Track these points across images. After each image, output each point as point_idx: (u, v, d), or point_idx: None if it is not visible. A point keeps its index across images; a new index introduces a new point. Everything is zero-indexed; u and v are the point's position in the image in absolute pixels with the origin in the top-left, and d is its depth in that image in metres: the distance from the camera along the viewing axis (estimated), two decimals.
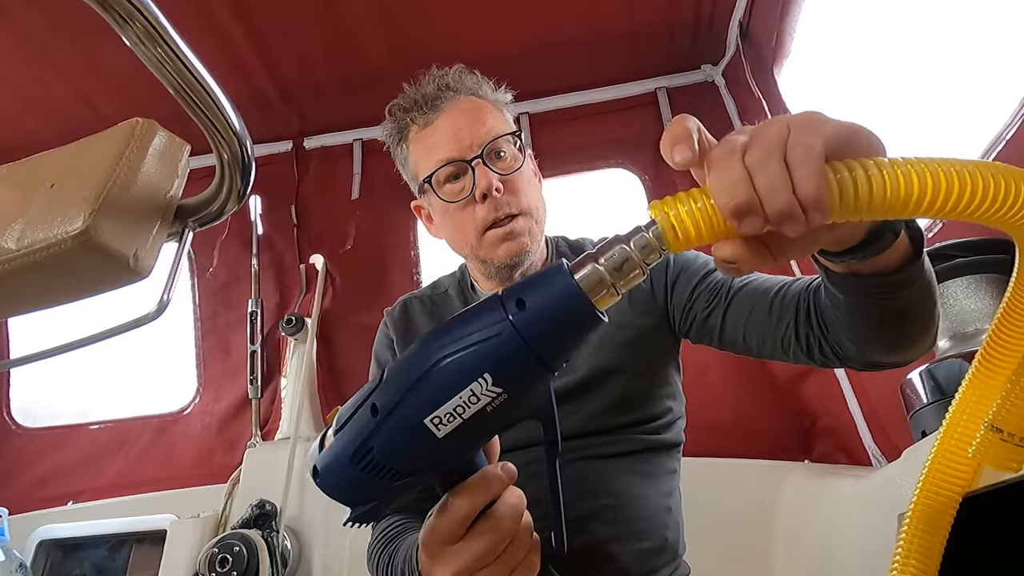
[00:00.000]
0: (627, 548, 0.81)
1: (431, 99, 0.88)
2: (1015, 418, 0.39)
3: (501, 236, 0.86)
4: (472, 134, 0.86)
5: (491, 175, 0.84)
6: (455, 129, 0.86)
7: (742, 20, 1.54)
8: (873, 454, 1.28)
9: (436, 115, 0.87)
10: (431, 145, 0.88)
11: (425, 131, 0.89)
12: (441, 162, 0.86)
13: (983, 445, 0.41)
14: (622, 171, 1.77)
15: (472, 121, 0.87)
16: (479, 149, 0.85)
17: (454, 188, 0.87)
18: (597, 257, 0.39)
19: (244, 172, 0.42)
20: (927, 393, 0.82)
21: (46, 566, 1.63)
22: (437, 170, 0.86)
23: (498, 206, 0.85)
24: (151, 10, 0.33)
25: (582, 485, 0.83)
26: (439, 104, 0.88)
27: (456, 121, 0.87)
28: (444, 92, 0.88)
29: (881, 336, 0.60)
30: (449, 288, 1.02)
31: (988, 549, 0.59)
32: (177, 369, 1.86)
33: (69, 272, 0.38)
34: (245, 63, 1.59)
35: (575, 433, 0.86)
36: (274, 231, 1.86)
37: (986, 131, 0.90)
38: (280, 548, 1.43)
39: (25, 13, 1.38)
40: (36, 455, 1.83)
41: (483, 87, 0.92)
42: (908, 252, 0.50)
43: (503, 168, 0.87)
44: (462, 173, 0.87)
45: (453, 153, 0.85)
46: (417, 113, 0.89)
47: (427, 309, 1.01)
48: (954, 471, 0.44)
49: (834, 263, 0.50)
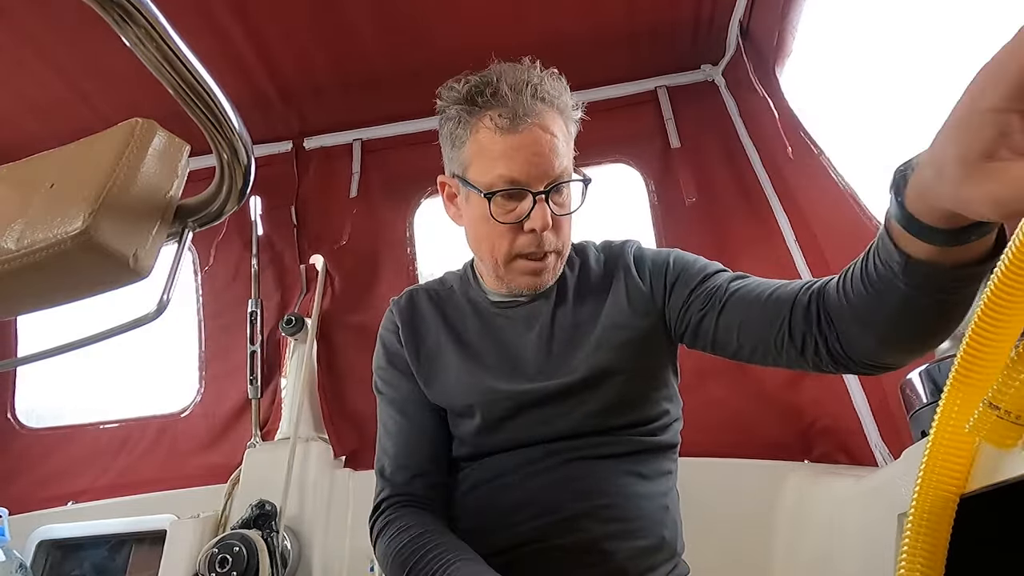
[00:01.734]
0: (623, 546, 0.81)
1: (520, 107, 0.81)
2: (1013, 397, 0.40)
3: (530, 270, 0.87)
4: (547, 165, 0.82)
5: (548, 214, 0.82)
6: (533, 153, 0.81)
7: (742, 20, 1.54)
8: (880, 453, 1.28)
9: (520, 127, 0.81)
10: (501, 155, 0.82)
11: (501, 136, 0.82)
12: (505, 180, 0.82)
13: (980, 421, 0.42)
14: (624, 167, 1.77)
15: (550, 150, 0.82)
16: (547, 184, 0.82)
17: (506, 206, 0.84)
18: None
19: (244, 172, 0.42)
20: (927, 393, 0.82)
21: (46, 566, 1.63)
22: (499, 190, 0.82)
23: (541, 243, 0.84)
24: (151, 10, 0.33)
25: (578, 485, 0.83)
26: (527, 118, 0.81)
27: (537, 143, 0.82)
28: (536, 103, 0.82)
29: (919, 333, 0.61)
30: (455, 285, 1.02)
31: (988, 549, 0.59)
32: (177, 369, 1.86)
33: (69, 272, 0.38)
34: (245, 63, 1.59)
35: (571, 433, 0.86)
36: (274, 231, 1.86)
37: None
38: (280, 548, 1.43)
39: (25, 13, 1.38)
40: (38, 455, 1.83)
41: (567, 100, 0.88)
42: (991, 245, 0.51)
43: (559, 205, 0.85)
44: (520, 197, 0.83)
45: (521, 177, 0.82)
46: (498, 112, 0.82)
47: (433, 301, 1.00)
48: (955, 453, 0.45)
49: (934, 243, 0.50)
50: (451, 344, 0.94)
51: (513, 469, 0.87)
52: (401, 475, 0.90)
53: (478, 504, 0.88)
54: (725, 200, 1.63)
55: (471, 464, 0.92)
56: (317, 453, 1.60)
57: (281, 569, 1.40)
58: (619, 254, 0.96)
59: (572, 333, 0.90)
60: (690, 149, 1.69)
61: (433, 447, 0.93)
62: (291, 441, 1.56)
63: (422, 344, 0.96)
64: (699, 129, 1.70)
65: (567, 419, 0.86)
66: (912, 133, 1.18)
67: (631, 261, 0.94)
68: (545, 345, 0.90)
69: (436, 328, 0.97)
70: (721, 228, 1.62)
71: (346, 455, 1.64)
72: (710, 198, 1.64)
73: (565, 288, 0.94)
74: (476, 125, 0.84)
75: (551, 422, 0.87)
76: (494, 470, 0.88)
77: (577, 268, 0.97)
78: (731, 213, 1.62)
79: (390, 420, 0.96)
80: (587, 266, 0.97)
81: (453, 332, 0.96)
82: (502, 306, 0.95)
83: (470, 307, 0.97)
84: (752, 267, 1.61)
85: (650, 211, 1.70)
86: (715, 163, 1.66)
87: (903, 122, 1.20)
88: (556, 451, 0.86)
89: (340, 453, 1.64)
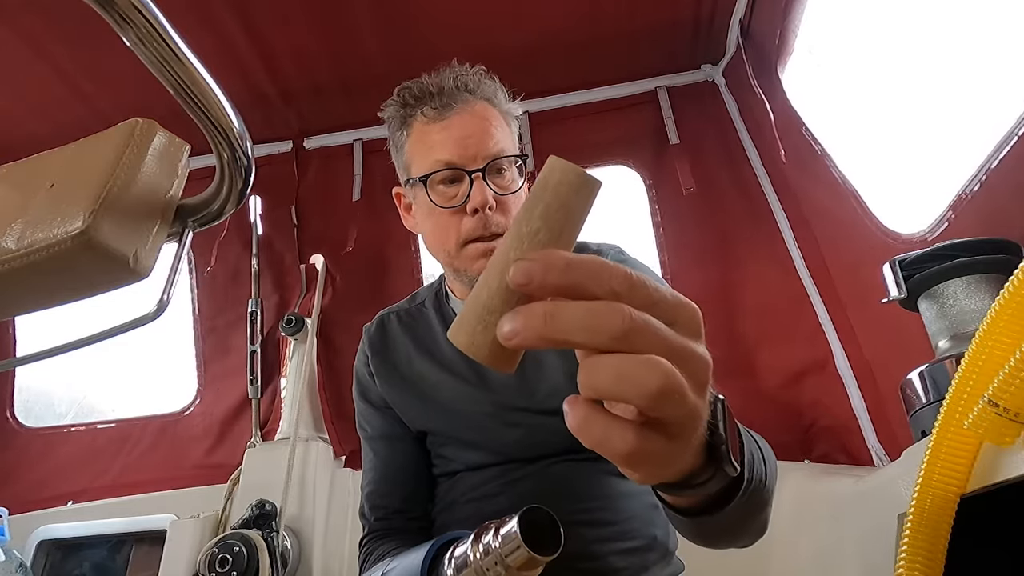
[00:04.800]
0: (614, 548, 0.81)
1: (446, 96, 0.85)
2: (1013, 395, 0.40)
3: (481, 251, 0.85)
4: (479, 145, 0.83)
5: (488, 192, 0.82)
6: (464, 135, 0.84)
7: (743, 19, 1.54)
8: (876, 453, 1.28)
9: (448, 113, 0.85)
10: (435, 143, 0.85)
11: (432, 126, 0.86)
12: (441, 164, 0.84)
13: (979, 418, 0.43)
14: (623, 168, 1.77)
15: (482, 131, 0.84)
16: (483, 162, 0.83)
17: (447, 192, 0.85)
18: None
19: (244, 172, 0.42)
20: (927, 393, 0.82)
21: (46, 566, 1.63)
22: (435, 172, 0.85)
23: (487, 224, 0.84)
24: (151, 10, 0.33)
25: (562, 489, 0.83)
26: (453, 104, 0.85)
27: (467, 126, 0.84)
28: (461, 92, 0.86)
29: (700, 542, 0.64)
30: (426, 300, 1.02)
31: (988, 550, 0.59)
32: (177, 369, 1.86)
33: (69, 272, 0.38)
34: (245, 63, 1.59)
35: (553, 441, 0.86)
36: (274, 231, 1.86)
37: (989, 130, 0.90)
38: (280, 548, 1.43)
39: (25, 13, 1.38)
40: (37, 455, 1.83)
41: (499, 95, 0.90)
42: (732, 480, 0.44)
43: (501, 186, 0.85)
44: (459, 180, 0.85)
45: (455, 159, 0.83)
46: (428, 106, 0.86)
47: (404, 324, 1.00)
48: (956, 453, 0.45)
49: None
50: (425, 364, 0.94)
51: (495, 479, 0.87)
52: (377, 513, 0.93)
53: (463, 517, 0.88)
54: (725, 200, 1.63)
55: (453, 478, 0.92)
56: (317, 453, 1.60)
57: (281, 569, 1.40)
58: None
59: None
60: (689, 146, 1.69)
61: (409, 481, 0.94)
62: (291, 441, 1.56)
63: (394, 370, 0.96)
64: (699, 129, 1.70)
65: (546, 430, 0.86)
66: (914, 132, 1.18)
67: None
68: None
69: (407, 351, 0.97)
70: (721, 229, 1.62)
71: (346, 455, 1.64)
72: (710, 198, 1.64)
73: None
74: (410, 124, 0.89)
75: (532, 433, 0.87)
76: (476, 482, 0.89)
77: None
78: (731, 214, 1.62)
79: (365, 457, 0.99)
80: None
81: (427, 353, 0.96)
82: None
83: (442, 325, 0.97)
84: (752, 267, 1.61)
85: (649, 212, 1.70)
86: (715, 163, 1.66)
87: (903, 122, 1.20)
88: (538, 458, 0.86)
89: (340, 453, 1.64)
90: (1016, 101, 0.84)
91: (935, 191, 1.03)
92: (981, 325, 0.43)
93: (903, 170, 1.25)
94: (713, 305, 1.53)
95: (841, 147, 1.31)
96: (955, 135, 1.08)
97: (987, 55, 1.02)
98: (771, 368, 1.49)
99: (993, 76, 1.01)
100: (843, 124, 1.36)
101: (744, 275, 1.57)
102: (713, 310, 1.49)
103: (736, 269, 1.58)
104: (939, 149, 1.13)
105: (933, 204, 1.04)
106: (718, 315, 1.54)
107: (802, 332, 1.46)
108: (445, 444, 0.93)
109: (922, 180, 1.16)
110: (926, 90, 1.15)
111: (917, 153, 1.19)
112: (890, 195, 1.22)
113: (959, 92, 1.08)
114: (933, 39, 1.12)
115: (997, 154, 0.87)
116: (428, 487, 0.95)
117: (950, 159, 1.03)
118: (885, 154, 1.29)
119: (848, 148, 1.31)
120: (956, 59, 1.08)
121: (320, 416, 1.67)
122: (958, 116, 1.08)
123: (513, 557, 0.58)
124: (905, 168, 1.24)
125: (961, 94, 1.08)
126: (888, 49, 1.25)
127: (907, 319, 0.91)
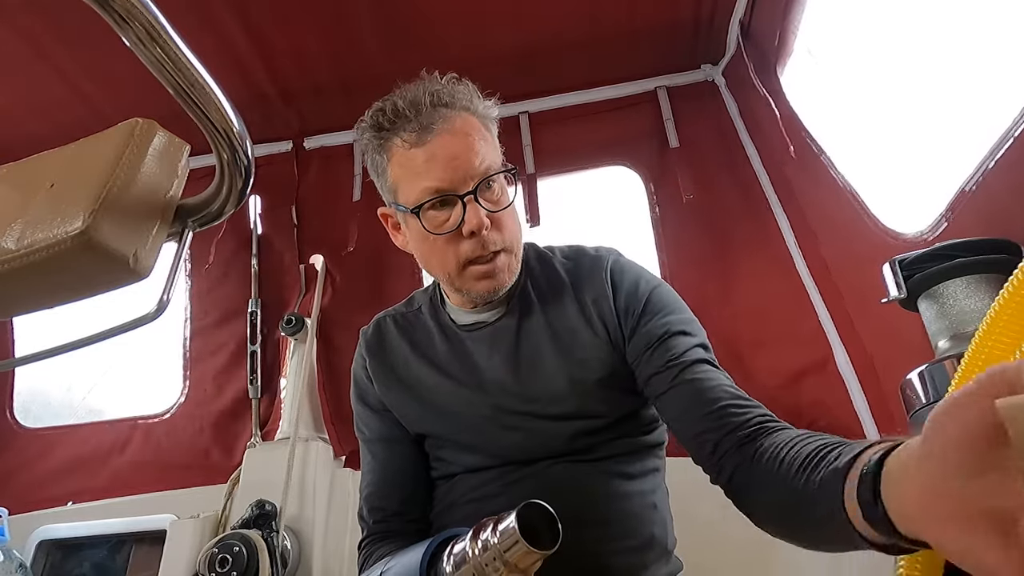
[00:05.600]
0: (612, 547, 0.81)
1: (424, 116, 0.81)
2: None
3: (482, 273, 0.84)
4: (467, 165, 0.80)
5: (482, 213, 0.80)
6: (449, 156, 0.80)
7: (743, 19, 1.54)
8: None
9: (428, 136, 0.80)
10: (420, 170, 0.81)
11: (415, 151, 0.81)
12: (431, 192, 0.81)
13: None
14: (623, 169, 1.77)
15: (467, 148, 0.81)
16: (472, 183, 0.80)
17: (439, 217, 0.82)
18: None
19: (244, 172, 0.42)
20: (927, 393, 0.82)
21: (46, 566, 1.63)
22: (426, 201, 0.81)
23: (485, 244, 0.82)
24: (151, 10, 0.34)
25: (560, 490, 0.83)
26: (432, 125, 0.81)
27: (449, 147, 0.80)
28: (438, 109, 0.82)
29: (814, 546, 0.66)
30: (422, 305, 1.02)
31: None
32: (178, 369, 1.85)
33: (69, 272, 0.38)
34: (245, 63, 1.59)
35: (551, 443, 0.87)
36: (274, 231, 1.86)
37: (990, 129, 0.90)
38: (280, 548, 1.43)
39: (25, 13, 1.38)
40: (37, 455, 1.83)
41: (474, 100, 0.87)
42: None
43: (492, 202, 0.83)
44: (450, 203, 0.82)
45: (444, 184, 0.80)
46: (405, 130, 0.82)
47: (400, 327, 1.00)
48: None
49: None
50: (423, 367, 0.94)
51: (494, 480, 0.87)
52: (375, 516, 0.92)
53: (462, 518, 0.87)
54: (725, 201, 1.63)
55: (451, 481, 0.92)
56: (317, 453, 1.60)
57: (281, 569, 1.40)
58: (592, 264, 0.94)
59: (540, 349, 0.89)
60: (689, 149, 1.69)
61: (407, 483, 0.94)
62: (291, 441, 1.55)
63: (391, 373, 0.96)
64: (699, 129, 1.70)
65: (545, 433, 0.87)
66: (914, 131, 1.18)
67: (606, 275, 0.91)
68: (515, 363, 0.89)
69: (405, 355, 0.97)
70: (721, 229, 1.62)
71: (346, 455, 1.64)
72: (710, 199, 1.64)
73: (529, 302, 0.92)
74: (389, 149, 0.84)
75: (531, 436, 0.87)
76: (475, 484, 0.89)
77: (541, 278, 0.95)
78: (731, 214, 1.62)
79: (363, 460, 0.98)
80: (552, 275, 0.95)
81: (424, 356, 0.95)
82: (469, 328, 0.94)
83: (438, 330, 0.97)
84: (752, 267, 1.61)
85: (649, 212, 1.70)
86: (715, 163, 1.66)
87: (904, 121, 1.20)
88: (537, 459, 0.87)
89: (340, 453, 1.64)
90: (1014, 100, 0.84)
91: (935, 191, 1.03)
92: (981, 325, 0.43)
93: (903, 170, 1.25)
94: (713, 305, 1.53)
95: (841, 147, 1.31)
96: (954, 135, 1.08)
97: (986, 55, 1.02)
98: (772, 368, 1.49)
99: (992, 76, 1.01)
100: (843, 124, 1.36)
101: (744, 275, 1.57)
102: (713, 310, 1.49)
103: (736, 269, 1.58)
104: (939, 149, 1.13)
105: (933, 204, 1.04)
106: (718, 315, 1.53)
107: (802, 332, 1.46)
108: (443, 447, 0.93)
109: (922, 180, 1.16)
110: (925, 90, 1.15)
111: (917, 153, 1.19)
112: (890, 195, 1.22)
113: (958, 92, 1.08)
114: (932, 39, 1.12)
115: (995, 153, 0.87)
116: (426, 489, 0.95)
117: (950, 159, 1.03)
118: (885, 154, 1.29)
119: (848, 148, 1.31)
120: (955, 59, 1.08)
121: (320, 416, 1.67)
122: (957, 116, 1.08)
123: (512, 552, 0.58)
124: (905, 168, 1.24)
125: (960, 94, 1.08)
126: (887, 49, 1.25)
127: (907, 319, 0.91)
